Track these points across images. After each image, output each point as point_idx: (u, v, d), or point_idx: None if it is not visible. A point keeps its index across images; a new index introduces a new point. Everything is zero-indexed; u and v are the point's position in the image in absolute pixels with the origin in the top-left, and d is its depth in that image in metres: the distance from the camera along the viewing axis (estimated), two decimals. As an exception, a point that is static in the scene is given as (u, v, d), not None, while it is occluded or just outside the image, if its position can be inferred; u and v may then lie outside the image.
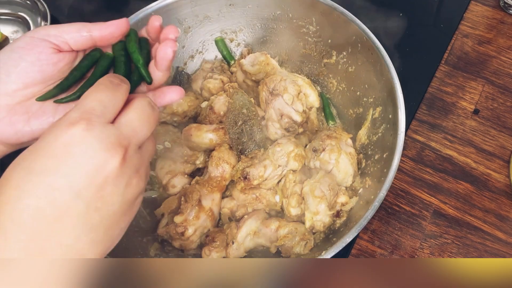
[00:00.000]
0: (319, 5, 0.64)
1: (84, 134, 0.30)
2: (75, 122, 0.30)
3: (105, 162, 0.30)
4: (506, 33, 0.82)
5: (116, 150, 0.31)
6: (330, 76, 0.72)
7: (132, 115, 0.34)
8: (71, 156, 0.30)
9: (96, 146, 0.30)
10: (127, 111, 0.34)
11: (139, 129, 0.34)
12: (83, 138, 0.30)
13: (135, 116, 0.34)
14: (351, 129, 0.68)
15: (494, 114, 0.74)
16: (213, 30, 0.73)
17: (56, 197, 0.29)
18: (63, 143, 0.30)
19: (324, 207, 0.58)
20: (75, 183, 0.29)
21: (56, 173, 0.29)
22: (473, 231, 0.65)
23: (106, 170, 0.30)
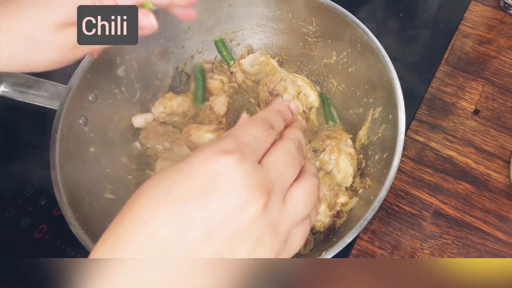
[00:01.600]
0: (319, 5, 0.64)
1: (236, 166, 0.27)
2: (230, 152, 0.27)
3: (247, 204, 0.26)
4: (506, 33, 0.82)
5: (261, 192, 0.27)
6: (330, 76, 0.72)
7: (278, 155, 0.30)
8: (217, 188, 0.26)
9: (244, 182, 0.27)
10: (273, 150, 0.30)
11: (283, 173, 0.29)
12: (234, 170, 0.27)
13: (281, 157, 0.30)
14: (351, 129, 0.68)
15: (494, 115, 0.74)
16: (213, 30, 0.73)
17: (188, 232, 0.26)
18: (211, 171, 0.27)
19: (324, 208, 0.58)
20: (211, 220, 0.26)
21: (197, 203, 0.26)
22: (473, 231, 0.65)
23: (245, 213, 0.27)
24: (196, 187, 0.26)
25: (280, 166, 0.29)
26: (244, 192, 0.27)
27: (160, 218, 0.26)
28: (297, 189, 0.30)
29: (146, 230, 0.26)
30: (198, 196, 0.26)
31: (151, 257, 0.26)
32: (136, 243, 0.26)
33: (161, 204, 0.26)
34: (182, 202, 0.26)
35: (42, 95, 0.58)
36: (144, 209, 0.27)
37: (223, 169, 0.27)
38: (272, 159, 0.29)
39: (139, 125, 0.68)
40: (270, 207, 0.28)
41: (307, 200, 0.30)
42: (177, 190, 0.27)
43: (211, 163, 0.27)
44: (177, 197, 0.26)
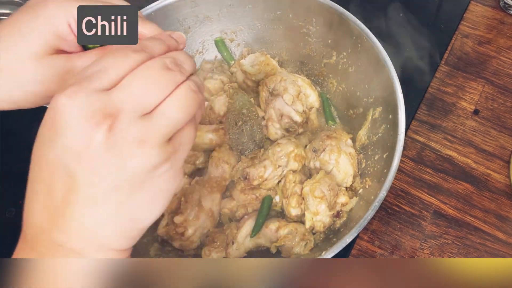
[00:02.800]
0: (319, 5, 0.64)
1: (66, 101, 0.28)
2: (66, 87, 0.28)
3: (90, 134, 0.28)
4: (506, 33, 0.82)
5: (99, 119, 0.28)
6: (330, 76, 0.72)
7: (132, 77, 0.29)
8: (57, 127, 0.28)
9: (79, 114, 0.28)
10: (130, 74, 0.30)
11: (138, 94, 0.29)
12: (65, 106, 0.28)
13: (135, 78, 0.29)
14: (351, 129, 0.68)
15: (494, 115, 0.74)
16: (213, 30, 0.73)
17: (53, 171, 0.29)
18: (52, 112, 0.28)
19: (324, 208, 0.58)
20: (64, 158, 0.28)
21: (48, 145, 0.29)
22: (473, 231, 0.65)
23: (92, 142, 0.28)
24: (46, 131, 0.29)
25: (134, 87, 0.29)
26: (83, 123, 0.27)
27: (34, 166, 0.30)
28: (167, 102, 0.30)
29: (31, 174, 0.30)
30: (50, 138, 0.29)
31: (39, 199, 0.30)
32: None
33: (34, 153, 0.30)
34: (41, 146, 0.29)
35: (42, 95, 0.57)
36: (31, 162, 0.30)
37: (59, 107, 0.28)
38: (125, 82, 0.29)
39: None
40: (120, 127, 0.28)
41: (180, 108, 0.30)
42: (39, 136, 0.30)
43: (52, 104, 0.28)
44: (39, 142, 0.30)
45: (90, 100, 0.28)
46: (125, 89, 0.29)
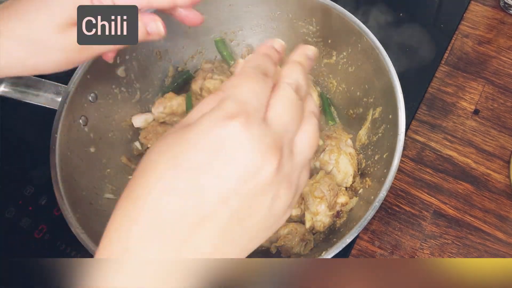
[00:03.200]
0: (319, 5, 0.64)
1: (243, 130, 0.26)
2: (234, 115, 0.26)
3: (261, 167, 0.26)
4: (506, 33, 0.82)
5: (272, 153, 0.26)
6: (330, 76, 0.72)
7: (280, 108, 0.28)
8: (227, 155, 0.26)
9: (254, 147, 0.26)
10: (274, 103, 0.28)
11: (289, 126, 0.28)
12: (241, 135, 0.26)
13: (283, 109, 0.28)
14: (351, 129, 0.68)
15: (494, 115, 0.74)
16: (213, 30, 0.73)
17: (203, 200, 0.25)
18: (219, 138, 0.26)
19: (324, 208, 0.58)
20: (226, 186, 0.26)
21: (208, 172, 0.25)
22: (473, 231, 0.65)
23: (260, 176, 0.26)
24: (205, 156, 0.26)
25: (285, 118, 0.28)
26: (256, 156, 0.26)
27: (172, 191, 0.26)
28: (302, 137, 0.29)
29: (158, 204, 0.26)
30: (210, 165, 0.26)
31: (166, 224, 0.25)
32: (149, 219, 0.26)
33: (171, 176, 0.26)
34: (193, 173, 0.26)
35: (42, 95, 0.58)
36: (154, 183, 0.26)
37: (230, 135, 0.26)
38: (275, 113, 0.28)
39: (139, 125, 0.68)
40: (283, 164, 0.27)
41: (312, 143, 0.30)
42: (185, 161, 0.26)
43: (217, 130, 0.26)
44: (187, 168, 0.26)
45: (263, 132, 0.27)
46: (280, 122, 0.28)
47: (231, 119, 0.26)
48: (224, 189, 0.26)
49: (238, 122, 0.26)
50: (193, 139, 0.26)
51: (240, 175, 0.26)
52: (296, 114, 0.29)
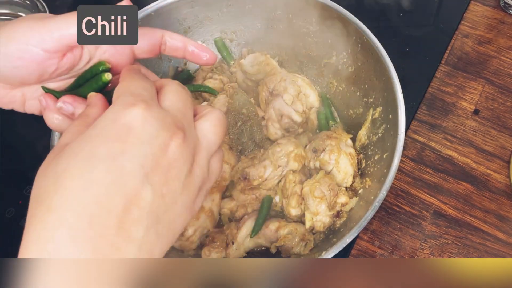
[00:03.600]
0: (319, 5, 0.64)
1: (145, 114, 0.28)
2: (133, 104, 0.28)
3: (168, 142, 0.28)
4: (506, 33, 0.82)
5: (175, 129, 0.29)
6: (330, 76, 0.72)
7: (172, 98, 0.32)
8: (136, 137, 0.28)
9: (158, 125, 0.28)
10: (165, 96, 0.32)
11: (184, 111, 0.31)
12: (145, 118, 0.28)
13: (175, 98, 0.32)
14: (351, 129, 0.68)
15: (494, 114, 0.74)
16: (213, 30, 0.73)
17: (126, 183, 0.27)
18: (125, 125, 0.28)
19: (324, 208, 0.58)
20: (143, 165, 0.27)
21: (124, 155, 0.27)
22: (473, 231, 0.65)
23: (169, 150, 0.28)
24: (118, 144, 0.27)
25: (180, 105, 0.31)
26: (162, 133, 0.28)
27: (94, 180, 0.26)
28: (204, 123, 0.33)
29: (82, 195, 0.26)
30: (124, 150, 0.27)
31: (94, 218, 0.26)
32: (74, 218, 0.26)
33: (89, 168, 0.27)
34: (110, 160, 0.27)
35: (42, 95, 0.57)
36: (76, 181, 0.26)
37: (134, 120, 0.28)
38: (170, 102, 0.31)
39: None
40: (188, 142, 0.30)
41: (216, 129, 0.33)
42: (100, 153, 0.27)
43: (121, 119, 0.28)
44: (102, 157, 0.27)
45: (163, 113, 0.29)
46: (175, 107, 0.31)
47: (133, 106, 0.28)
48: (142, 167, 0.27)
49: (139, 107, 0.28)
50: (101, 132, 0.28)
51: (153, 151, 0.28)
52: (185, 101, 0.32)
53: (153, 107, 0.29)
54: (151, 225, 0.28)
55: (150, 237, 0.28)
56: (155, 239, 0.28)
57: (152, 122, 0.28)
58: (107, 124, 0.28)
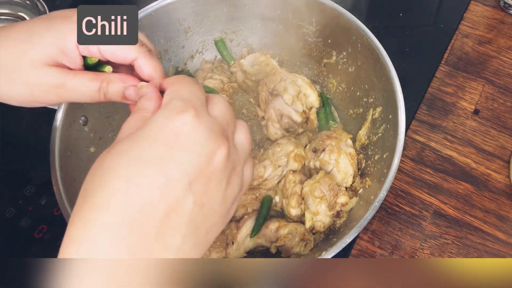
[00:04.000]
0: (319, 5, 0.64)
1: (195, 121, 0.28)
2: (184, 110, 0.28)
3: (214, 152, 0.28)
4: (506, 33, 0.82)
5: (223, 140, 0.29)
6: (330, 76, 0.72)
7: (220, 105, 0.32)
8: (184, 143, 0.28)
9: (207, 134, 0.28)
10: (214, 105, 0.32)
11: (229, 120, 0.32)
12: (195, 124, 0.28)
13: (223, 108, 0.32)
14: (351, 129, 0.68)
15: (494, 114, 0.74)
16: (213, 30, 0.73)
17: (170, 190, 0.27)
18: (174, 130, 0.28)
19: (324, 208, 0.58)
20: (189, 173, 0.27)
21: (171, 161, 0.27)
22: (473, 231, 0.65)
23: (214, 161, 0.28)
24: (164, 148, 0.27)
25: (226, 114, 0.32)
26: (210, 142, 0.28)
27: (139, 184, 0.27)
28: (239, 132, 0.33)
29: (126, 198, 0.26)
30: (172, 156, 0.27)
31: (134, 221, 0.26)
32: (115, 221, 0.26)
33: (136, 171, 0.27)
34: (157, 164, 0.27)
35: (42, 95, 0.57)
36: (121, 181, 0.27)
37: (184, 126, 0.28)
38: (216, 108, 0.31)
39: (139, 125, 0.68)
40: (231, 151, 0.30)
41: (248, 139, 0.33)
42: (147, 155, 0.27)
43: (172, 124, 0.28)
44: (150, 161, 0.27)
45: (212, 122, 0.29)
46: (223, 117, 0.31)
47: (183, 112, 0.28)
48: (186, 175, 0.27)
49: (190, 114, 0.28)
50: (151, 135, 0.28)
51: (200, 160, 0.28)
52: (231, 111, 0.33)
53: (203, 115, 0.29)
54: (189, 234, 0.28)
55: (186, 245, 0.28)
56: (191, 247, 0.28)
57: (201, 130, 0.28)
58: (157, 128, 0.28)
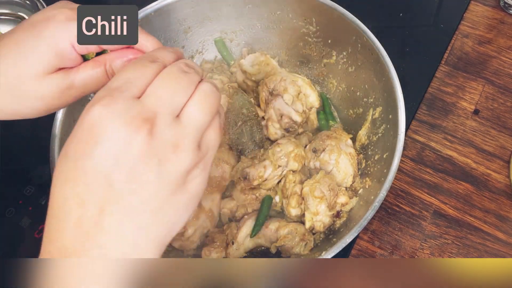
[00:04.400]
0: (319, 5, 0.64)
1: (103, 110, 0.28)
2: (98, 99, 0.29)
3: (130, 139, 0.28)
4: (506, 33, 0.82)
5: (139, 122, 0.28)
6: (330, 76, 0.72)
7: (157, 83, 0.31)
8: (95, 136, 0.28)
9: (118, 121, 0.28)
10: (154, 81, 0.31)
11: (166, 97, 0.30)
12: (102, 115, 0.28)
13: (160, 83, 0.31)
14: (351, 129, 0.68)
15: (494, 114, 0.74)
16: (213, 30, 0.73)
17: (90, 183, 0.28)
18: (88, 124, 0.28)
19: (324, 208, 0.58)
20: (104, 166, 0.28)
21: (84, 156, 0.28)
22: (473, 231, 0.65)
23: (132, 147, 0.28)
24: (81, 143, 0.28)
25: (161, 91, 0.30)
26: (122, 128, 0.28)
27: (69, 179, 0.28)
28: (191, 105, 0.31)
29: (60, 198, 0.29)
30: (86, 149, 0.28)
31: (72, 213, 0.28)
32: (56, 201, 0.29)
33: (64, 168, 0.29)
34: (75, 161, 0.28)
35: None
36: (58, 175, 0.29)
37: (96, 117, 0.28)
38: (152, 88, 0.30)
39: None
40: (158, 131, 0.29)
41: (204, 110, 0.31)
42: (70, 153, 0.29)
43: (86, 117, 0.28)
44: (70, 157, 0.28)
45: (126, 106, 0.29)
46: (154, 94, 0.30)
47: (96, 103, 0.28)
48: (104, 169, 0.28)
49: (99, 104, 0.28)
50: (74, 130, 0.29)
51: (114, 151, 0.28)
52: (178, 85, 0.31)
53: (116, 101, 0.29)
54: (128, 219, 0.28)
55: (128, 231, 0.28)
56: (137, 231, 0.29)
57: (111, 119, 0.28)
58: (79, 122, 0.29)
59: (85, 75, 0.40)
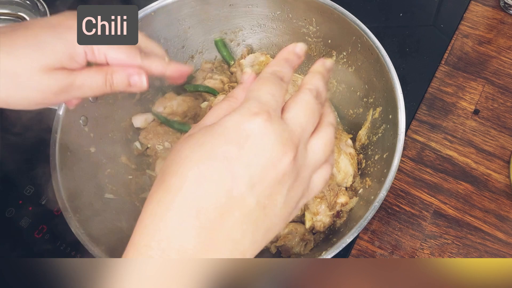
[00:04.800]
0: (319, 5, 0.64)
1: (266, 125, 0.29)
2: (257, 113, 0.29)
3: (280, 158, 0.29)
4: (506, 33, 0.82)
5: (290, 146, 0.30)
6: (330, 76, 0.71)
7: (298, 109, 0.32)
8: (253, 146, 0.29)
9: (275, 139, 0.29)
10: (292, 105, 0.32)
11: (305, 126, 0.32)
12: (265, 129, 0.29)
13: (301, 111, 0.32)
14: (351, 129, 0.68)
15: (494, 114, 0.74)
16: (213, 30, 0.73)
17: (234, 188, 0.28)
18: (246, 132, 0.29)
19: (324, 208, 0.58)
20: (253, 175, 0.29)
21: (238, 161, 0.29)
22: (473, 231, 0.65)
23: (279, 166, 0.29)
24: (236, 147, 0.29)
25: (301, 119, 0.31)
26: (277, 148, 0.29)
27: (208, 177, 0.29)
28: (316, 139, 0.33)
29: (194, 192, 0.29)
30: (240, 156, 0.29)
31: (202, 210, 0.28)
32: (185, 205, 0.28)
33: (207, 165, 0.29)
34: (225, 162, 0.29)
35: (42, 95, 0.57)
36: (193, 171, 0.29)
37: (255, 129, 0.29)
38: (293, 114, 0.31)
39: (139, 125, 0.68)
40: (297, 158, 0.30)
41: (325, 148, 0.33)
42: (218, 152, 0.29)
43: (244, 125, 0.29)
44: (220, 158, 0.29)
45: (282, 128, 0.30)
46: (297, 122, 0.31)
47: (256, 116, 0.29)
48: (251, 176, 0.29)
49: (261, 118, 0.29)
50: (224, 133, 0.30)
51: (265, 163, 0.29)
52: (312, 116, 0.32)
53: (275, 120, 0.30)
54: (249, 231, 0.29)
55: (246, 240, 0.29)
56: (249, 244, 0.30)
57: (269, 136, 0.29)
58: (231, 127, 0.30)
59: (86, 78, 0.42)
